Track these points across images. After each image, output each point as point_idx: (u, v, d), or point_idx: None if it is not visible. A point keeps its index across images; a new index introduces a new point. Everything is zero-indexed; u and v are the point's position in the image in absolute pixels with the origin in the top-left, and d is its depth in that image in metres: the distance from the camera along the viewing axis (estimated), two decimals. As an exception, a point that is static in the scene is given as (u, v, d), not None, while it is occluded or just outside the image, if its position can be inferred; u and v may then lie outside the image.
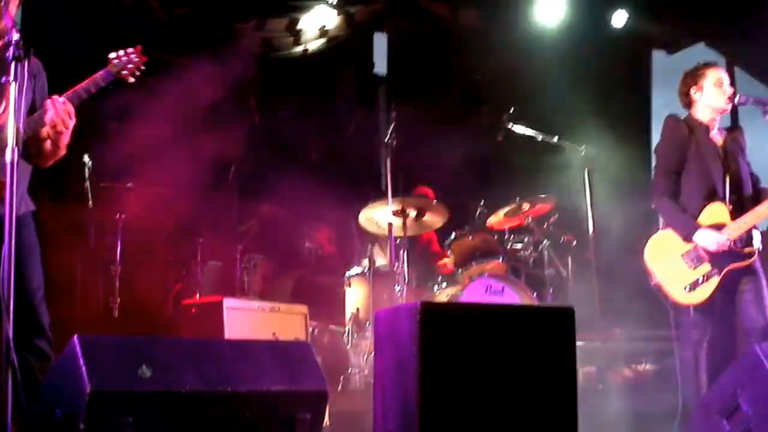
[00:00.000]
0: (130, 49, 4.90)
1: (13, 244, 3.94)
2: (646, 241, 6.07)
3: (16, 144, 4.02)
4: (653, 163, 6.28)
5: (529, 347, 3.75)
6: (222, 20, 9.69)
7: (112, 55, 4.89)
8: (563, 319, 3.79)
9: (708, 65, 6.19)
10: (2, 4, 4.30)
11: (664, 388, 7.24)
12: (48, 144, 4.69)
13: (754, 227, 5.82)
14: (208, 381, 4.02)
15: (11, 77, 4.04)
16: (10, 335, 3.85)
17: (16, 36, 4.07)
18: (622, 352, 8.71)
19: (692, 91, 6.12)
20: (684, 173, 6.01)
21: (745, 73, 11.03)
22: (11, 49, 4.05)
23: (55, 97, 4.68)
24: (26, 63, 4.07)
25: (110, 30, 9.18)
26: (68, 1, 8.97)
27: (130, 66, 4.88)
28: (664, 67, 11.78)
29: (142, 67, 4.94)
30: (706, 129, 6.06)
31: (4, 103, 4.65)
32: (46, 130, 4.63)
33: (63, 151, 4.76)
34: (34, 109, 4.80)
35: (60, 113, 4.59)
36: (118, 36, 9.12)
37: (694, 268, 5.78)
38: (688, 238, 5.83)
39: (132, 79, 4.91)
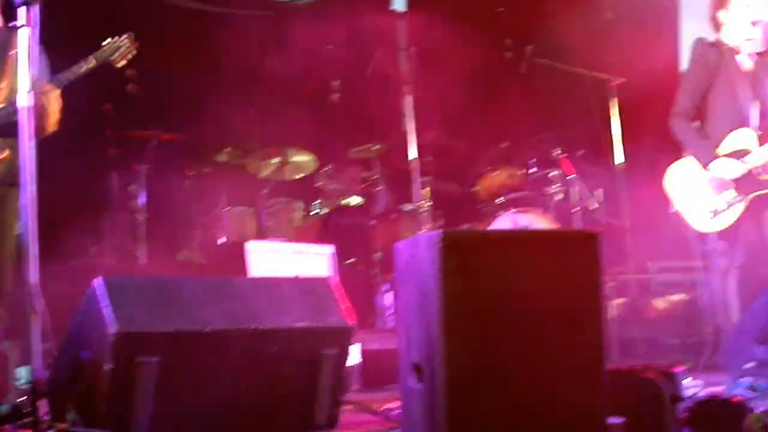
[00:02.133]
0: (123, 35, 4.89)
1: (34, 192, 3.93)
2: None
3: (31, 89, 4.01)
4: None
5: (553, 272, 3.68)
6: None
7: (106, 41, 4.88)
8: (588, 242, 3.72)
9: None
10: None
11: (696, 317, 7.19)
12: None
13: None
14: (232, 319, 4.02)
15: (22, 22, 4.00)
16: (35, 281, 3.86)
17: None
18: (654, 283, 8.64)
19: (719, 13, 5.97)
20: (711, 99, 5.88)
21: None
22: (19, -7, 4.01)
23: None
24: (36, 6, 4.03)
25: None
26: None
27: (121, 50, 4.88)
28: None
29: (134, 52, 4.92)
30: (735, 52, 5.91)
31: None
32: None
33: (50, 130, 4.87)
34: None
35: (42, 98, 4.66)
36: None
37: (719, 194, 5.67)
38: (705, 166, 5.72)
39: (122, 63, 4.90)
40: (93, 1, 9.12)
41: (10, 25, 4.06)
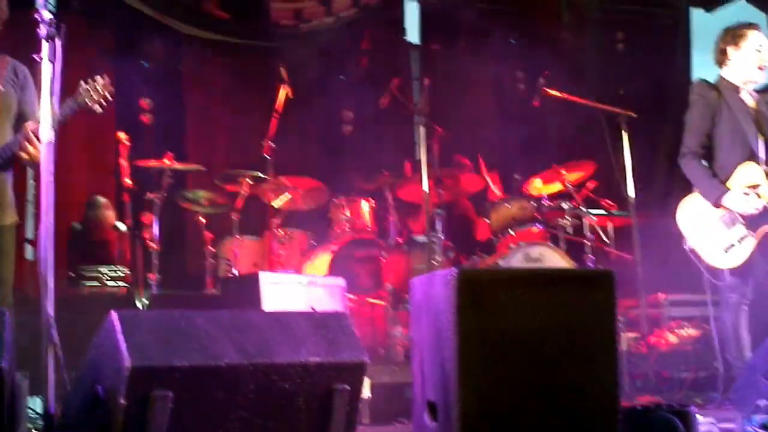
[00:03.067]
0: (99, 79, 4.86)
1: (51, 224, 3.95)
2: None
3: (52, 125, 4.05)
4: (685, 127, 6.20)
5: (569, 311, 3.69)
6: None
7: (82, 84, 4.85)
8: (604, 281, 3.73)
9: (751, 26, 6.08)
10: None
11: (707, 352, 7.17)
12: (25, 161, 4.85)
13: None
14: (246, 353, 4.02)
15: (44, 56, 4.04)
16: (51, 314, 3.88)
17: (48, 14, 4.05)
18: (665, 317, 8.63)
19: (729, 49, 6.01)
20: (717, 136, 5.93)
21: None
22: (43, 28, 4.04)
23: (27, 124, 4.80)
24: (59, 41, 4.07)
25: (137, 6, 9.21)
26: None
27: (95, 95, 4.84)
28: (704, 25, 11.57)
29: (110, 98, 4.89)
30: (736, 90, 5.95)
31: None
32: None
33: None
34: (22, 115, 4.88)
35: (27, 142, 4.71)
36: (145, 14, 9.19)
37: (729, 230, 5.69)
38: (716, 203, 5.74)
39: (98, 109, 4.87)
40: (108, 30, 9.22)
41: (32, 56, 4.08)
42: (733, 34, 6.06)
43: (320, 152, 9.93)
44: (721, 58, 6.08)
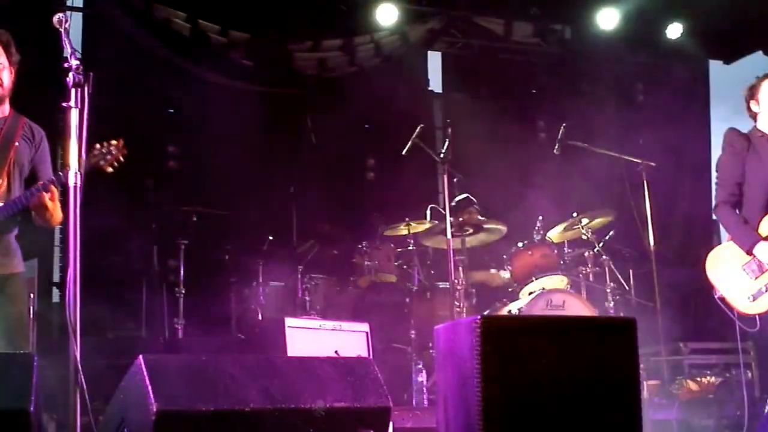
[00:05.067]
0: (113, 141, 4.91)
1: (77, 269, 4.01)
2: (707, 255, 6.03)
3: (79, 169, 4.12)
4: (713, 175, 6.24)
5: (591, 359, 3.73)
6: (278, 42, 9.81)
7: (96, 146, 4.90)
8: (625, 330, 3.78)
9: (766, 77, 6.14)
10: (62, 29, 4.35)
11: (729, 400, 7.17)
12: (37, 219, 4.91)
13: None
14: (271, 398, 4.06)
15: (72, 103, 4.13)
16: (78, 357, 3.93)
17: (75, 62, 4.14)
18: (686, 365, 8.63)
19: (752, 104, 6.08)
20: (745, 185, 5.97)
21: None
22: (72, 75, 4.13)
23: (41, 185, 4.83)
24: (86, 89, 4.15)
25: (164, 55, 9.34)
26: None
27: (109, 157, 4.89)
28: (722, 77, 11.67)
29: (122, 159, 4.93)
30: (766, 138, 6.01)
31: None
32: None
33: (55, 224, 4.94)
34: (34, 176, 4.96)
35: (40, 203, 4.74)
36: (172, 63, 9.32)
37: (756, 278, 5.72)
38: (749, 251, 5.78)
39: (110, 170, 4.93)
40: (136, 77, 9.35)
41: (62, 104, 4.16)
42: (750, 89, 6.13)
43: (344, 199, 9.99)
44: (750, 113, 6.16)
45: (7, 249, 4.92)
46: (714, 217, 6.09)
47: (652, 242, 7.61)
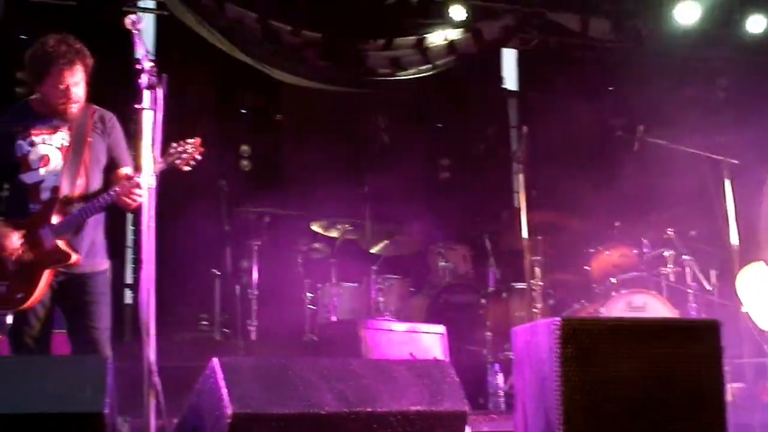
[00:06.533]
0: (189, 140, 4.88)
1: (152, 270, 4.00)
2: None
3: (153, 172, 4.12)
4: None
5: (673, 362, 3.61)
6: (351, 41, 9.77)
7: (173, 145, 4.86)
8: (709, 332, 3.65)
9: None
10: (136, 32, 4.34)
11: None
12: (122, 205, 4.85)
13: None
14: (346, 401, 4.02)
15: (145, 105, 4.12)
16: (152, 359, 3.91)
17: (149, 63, 4.13)
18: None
19: None
20: None
21: None
22: (145, 77, 4.12)
23: (125, 175, 4.89)
24: (160, 90, 4.14)
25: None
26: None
27: (185, 156, 4.84)
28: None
29: (199, 158, 4.87)
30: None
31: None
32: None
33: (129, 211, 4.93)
34: (113, 161, 4.95)
35: (123, 193, 4.71)
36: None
37: None
38: None
39: (186, 168, 4.88)
40: (208, 78, 9.39)
41: (135, 106, 4.15)
42: None
43: (417, 199, 9.93)
44: None
45: (91, 247, 4.93)
46: None
47: (735, 241, 7.41)
